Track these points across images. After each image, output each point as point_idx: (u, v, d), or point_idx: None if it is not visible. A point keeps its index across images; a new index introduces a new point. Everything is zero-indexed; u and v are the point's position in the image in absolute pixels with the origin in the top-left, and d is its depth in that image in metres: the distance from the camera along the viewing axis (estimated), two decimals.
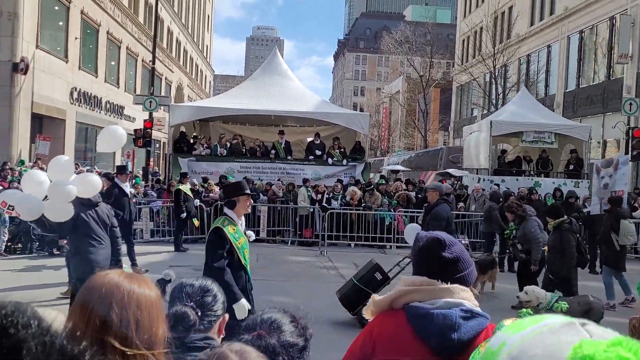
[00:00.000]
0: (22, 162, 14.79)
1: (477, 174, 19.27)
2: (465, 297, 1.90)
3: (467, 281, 1.97)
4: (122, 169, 10.97)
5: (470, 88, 39.45)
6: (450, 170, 22.24)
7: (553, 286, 7.21)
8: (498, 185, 16.57)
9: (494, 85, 32.90)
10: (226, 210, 4.52)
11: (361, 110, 48.94)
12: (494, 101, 32.42)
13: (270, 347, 1.60)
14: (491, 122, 18.24)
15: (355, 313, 7.18)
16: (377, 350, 1.96)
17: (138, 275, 1.52)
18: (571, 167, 18.15)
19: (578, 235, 7.64)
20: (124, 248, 9.57)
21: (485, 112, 33.84)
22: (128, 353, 1.34)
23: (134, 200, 12.77)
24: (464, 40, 42.85)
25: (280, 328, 1.69)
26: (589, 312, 6.06)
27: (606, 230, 9.51)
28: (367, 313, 2.06)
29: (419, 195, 15.74)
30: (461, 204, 15.55)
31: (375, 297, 2.02)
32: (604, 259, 9.85)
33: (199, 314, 1.88)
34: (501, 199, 12.72)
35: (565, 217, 7.54)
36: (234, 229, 4.38)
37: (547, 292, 6.50)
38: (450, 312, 1.85)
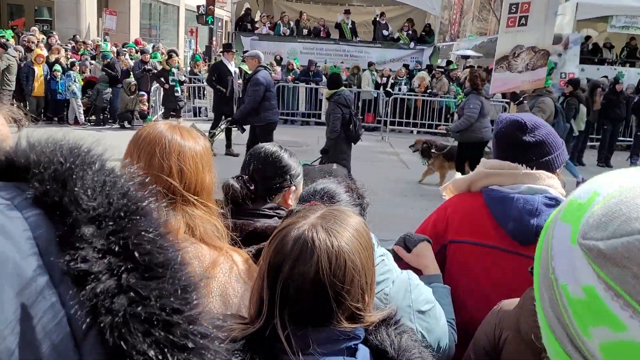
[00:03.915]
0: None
1: None
2: (551, 184, 1.79)
3: (554, 166, 1.85)
4: (228, 47, 10.70)
5: None
6: None
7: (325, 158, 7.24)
8: (574, 74, 15.46)
9: None
10: None
11: None
12: None
13: None
14: (577, 4, 16.58)
15: None
16: (449, 230, 1.93)
17: (184, 126, 1.54)
18: None
19: (350, 109, 7.11)
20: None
21: None
22: (171, 199, 1.41)
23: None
24: None
25: (334, 197, 1.66)
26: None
27: (569, 115, 8.99)
28: (446, 192, 2.00)
29: None
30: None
31: (457, 176, 1.95)
32: None
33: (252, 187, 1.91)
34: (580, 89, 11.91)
35: (342, 88, 7.13)
36: None
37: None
38: (533, 197, 1.76)
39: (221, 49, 11.46)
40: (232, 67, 10.17)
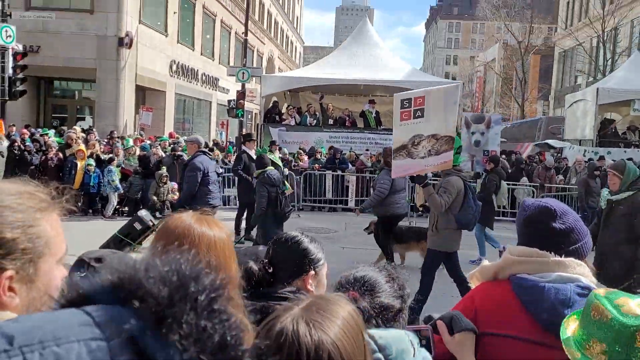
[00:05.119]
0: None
1: (579, 145, 18.03)
2: (581, 272, 1.74)
3: (583, 253, 1.81)
4: (248, 136, 11.21)
5: (574, 54, 36.65)
6: (550, 142, 20.98)
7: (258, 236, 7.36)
8: (603, 157, 15.43)
9: (601, 51, 30.33)
10: None
11: (453, 79, 47.11)
12: (601, 68, 29.93)
13: (361, 311, 1.53)
14: (598, 89, 16.88)
15: None
16: (478, 322, 1.84)
17: (209, 217, 1.56)
18: None
19: (277, 187, 7.39)
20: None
21: (591, 79, 31.34)
22: None
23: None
24: (568, 2, 39.71)
25: (375, 289, 1.61)
26: (257, 261, 6.00)
27: (491, 190, 9.49)
28: (473, 280, 1.96)
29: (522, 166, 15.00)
30: (560, 177, 14.69)
31: (485, 263, 1.91)
32: (481, 217, 8.95)
33: (271, 270, 1.92)
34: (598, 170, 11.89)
35: (268, 168, 7.49)
36: None
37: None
38: (565, 286, 1.70)
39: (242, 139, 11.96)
40: (254, 155, 10.51)
